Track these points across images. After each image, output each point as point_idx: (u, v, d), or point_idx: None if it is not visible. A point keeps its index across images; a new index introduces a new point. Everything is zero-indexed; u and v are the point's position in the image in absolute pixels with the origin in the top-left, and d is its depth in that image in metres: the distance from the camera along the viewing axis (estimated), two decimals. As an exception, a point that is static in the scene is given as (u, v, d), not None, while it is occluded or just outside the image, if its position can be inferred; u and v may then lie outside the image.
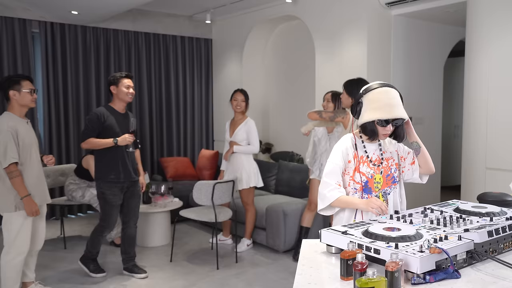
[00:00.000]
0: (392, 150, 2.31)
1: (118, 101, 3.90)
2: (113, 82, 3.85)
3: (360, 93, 2.17)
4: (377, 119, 2.09)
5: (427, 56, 5.69)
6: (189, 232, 5.56)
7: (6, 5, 5.63)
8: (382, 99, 2.09)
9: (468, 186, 4.19)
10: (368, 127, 2.14)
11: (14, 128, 3.30)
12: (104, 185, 3.85)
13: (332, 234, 1.80)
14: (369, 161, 2.22)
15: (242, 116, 4.81)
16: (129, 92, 3.89)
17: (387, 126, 2.11)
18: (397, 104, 2.10)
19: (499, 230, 1.72)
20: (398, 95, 2.13)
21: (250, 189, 4.80)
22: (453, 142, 7.88)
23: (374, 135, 2.15)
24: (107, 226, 3.95)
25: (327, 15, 5.40)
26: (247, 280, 4.06)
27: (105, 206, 3.90)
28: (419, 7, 4.95)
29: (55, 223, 5.81)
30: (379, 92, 2.11)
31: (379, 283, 1.36)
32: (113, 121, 3.83)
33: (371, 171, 2.22)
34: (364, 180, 2.21)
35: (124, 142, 3.80)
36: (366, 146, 2.25)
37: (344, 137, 2.29)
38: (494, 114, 3.94)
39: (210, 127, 7.50)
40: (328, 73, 5.44)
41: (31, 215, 3.35)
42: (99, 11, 5.65)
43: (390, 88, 2.13)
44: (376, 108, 2.09)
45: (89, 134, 3.80)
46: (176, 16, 7.00)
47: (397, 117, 2.09)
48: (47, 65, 5.99)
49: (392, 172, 2.27)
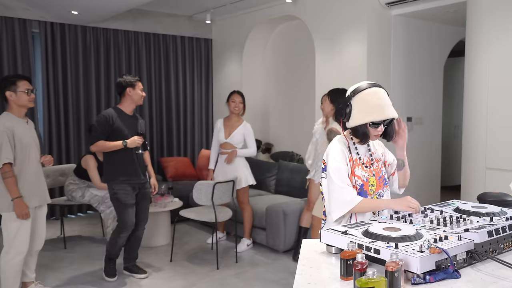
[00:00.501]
0: (379, 151, 2.30)
1: (129, 103, 3.89)
2: (130, 84, 3.85)
3: (348, 95, 2.13)
4: (370, 122, 2.07)
5: (427, 56, 5.69)
6: (189, 232, 5.56)
7: (6, 5, 5.63)
8: (372, 100, 2.07)
9: (468, 186, 4.19)
10: (360, 130, 2.11)
11: (11, 129, 3.29)
12: (115, 186, 3.83)
13: (332, 234, 1.80)
14: (361, 163, 2.19)
15: (238, 118, 4.83)
16: (143, 95, 3.94)
17: (379, 127, 2.10)
18: (387, 104, 2.08)
19: (499, 230, 1.72)
20: (386, 94, 2.12)
21: (246, 188, 4.84)
22: (453, 142, 7.88)
23: (365, 137, 2.13)
24: (124, 227, 3.89)
25: (327, 15, 5.40)
26: (247, 280, 4.06)
27: (119, 206, 3.86)
28: (419, 7, 4.95)
29: (55, 223, 5.81)
30: (369, 93, 2.08)
31: (379, 283, 1.36)
32: (121, 123, 3.81)
33: (366, 174, 2.19)
34: (360, 184, 2.17)
35: (133, 144, 3.78)
36: (358, 148, 2.22)
37: (335, 140, 2.23)
38: (494, 114, 3.94)
39: (210, 127, 7.50)
40: (328, 73, 5.44)
41: (21, 217, 3.33)
42: (99, 11, 5.65)
43: (378, 88, 2.11)
44: (367, 110, 2.06)
45: (98, 137, 3.79)
46: (176, 16, 7.00)
47: (389, 117, 2.08)
48: (47, 65, 5.99)
49: (383, 174, 2.26)
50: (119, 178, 3.82)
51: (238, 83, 6.73)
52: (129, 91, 3.85)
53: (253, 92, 6.83)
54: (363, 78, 4.97)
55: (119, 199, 3.84)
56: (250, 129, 4.83)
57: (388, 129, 2.17)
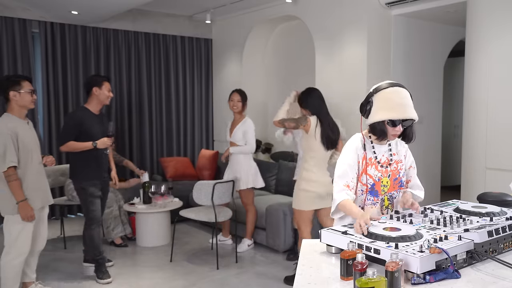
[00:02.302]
0: (402, 153, 2.27)
1: (96, 103, 3.94)
2: (96, 83, 3.89)
3: (370, 92, 2.12)
4: (388, 119, 2.04)
5: (427, 56, 5.69)
6: (189, 232, 5.57)
7: (6, 5, 5.63)
8: (393, 98, 2.05)
9: (468, 186, 4.18)
10: (377, 127, 2.09)
11: (14, 131, 3.27)
12: (81, 180, 3.89)
13: (332, 234, 1.80)
14: (377, 162, 2.18)
15: (240, 116, 4.82)
16: (110, 95, 3.97)
17: (397, 126, 2.06)
18: (408, 104, 2.05)
19: (499, 230, 1.72)
20: (409, 95, 2.09)
21: (249, 190, 4.81)
22: (453, 142, 7.88)
23: (383, 135, 2.10)
24: (93, 219, 3.94)
25: (327, 15, 5.40)
26: (247, 280, 4.06)
27: (86, 198, 3.91)
28: (419, 7, 4.95)
29: (55, 223, 5.81)
30: (390, 91, 2.06)
31: (379, 283, 1.36)
32: (89, 124, 3.87)
33: (379, 173, 2.17)
34: (371, 183, 2.17)
35: (103, 145, 3.85)
36: (375, 147, 2.19)
37: (353, 137, 2.24)
38: (494, 114, 3.93)
39: (210, 127, 7.50)
40: (328, 73, 5.43)
41: (26, 220, 3.33)
42: (99, 11, 5.65)
43: (401, 88, 2.09)
44: (387, 108, 2.04)
45: (67, 138, 3.84)
46: (176, 16, 7.00)
47: (408, 117, 2.04)
48: (47, 65, 5.99)
49: (400, 176, 2.23)
50: (88, 175, 3.90)
51: (238, 83, 6.72)
52: (96, 91, 3.89)
53: (253, 92, 6.82)
54: (363, 78, 4.97)
55: (86, 191, 3.88)
56: (249, 124, 4.77)
57: (407, 131, 2.14)
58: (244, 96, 4.81)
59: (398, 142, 2.26)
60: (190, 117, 7.25)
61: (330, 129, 3.74)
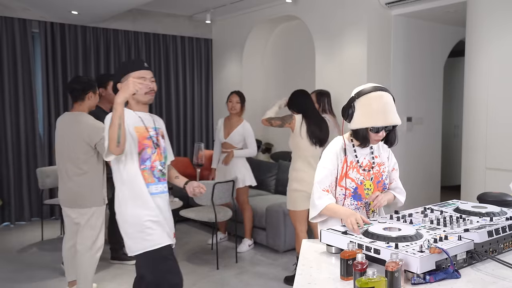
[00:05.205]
0: (384, 155, 2.26)
1: (106, 102, 4.11)
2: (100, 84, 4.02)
3: (352, 96, 2.09)
4: (371, 127, 2.03)
5: (427, 56, 5.69)
6: (189, 232, 5.57)
7: (6, 5, 5.63)
8: (375, 105, 2.01)
9: (468, 186, 4.18)
10: (360, 133, 2.07)
11: None
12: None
13: (332, 234, 1.80)
14: (358, 166, 2.16)
15: (238, 118, 4.84)
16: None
17: (380, 132, 2.05)
18: (390, 110, 2.03)
19: (499, 230, 1.72)
20: (392, 99, 2.06)
21: (245, 188, 4.85)
22: (453, 142, 7.88)
23: (365, 141, 2.09)
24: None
25: (327, 15, 5.40)
26: (247, 280, 4.06)
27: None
28: (419, 7, 4.95)
29: (55, 223, 5.81)
30: (373, 97, 2.02)
31: (379, 283, 1.36)
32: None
33: (361, 177, 2.16)
34: (353, 186, 2.15)
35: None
36: (357, 150, 2.17)
37: (334, 141, 2.22)
38: (494, 114, 3.93)
39: (210, 127, 7.50)
40: (328, 73, 5.43)
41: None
42: (99, 11, 5.65)
43: (383, 92, 2.05)
44: (369, 115, 2.02)
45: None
46: (176, 16, 7.00)
47: (391, 124, 2.03)
48: (47, 65, 5.99)
49: (383, 178, 2.22)
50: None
51: (238, 83, 6.73)
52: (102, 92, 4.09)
53: (253, 92, 6.83)
54: (363, 78, 4.97)
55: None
56: (249, 128, 4.82)
57: (389, 135, 2.14)
58: (243, 98, 4.84)
59: (380, 146, 2.25)
60: (190, 117, 7.25)
61: (318, 127, 3.77)
